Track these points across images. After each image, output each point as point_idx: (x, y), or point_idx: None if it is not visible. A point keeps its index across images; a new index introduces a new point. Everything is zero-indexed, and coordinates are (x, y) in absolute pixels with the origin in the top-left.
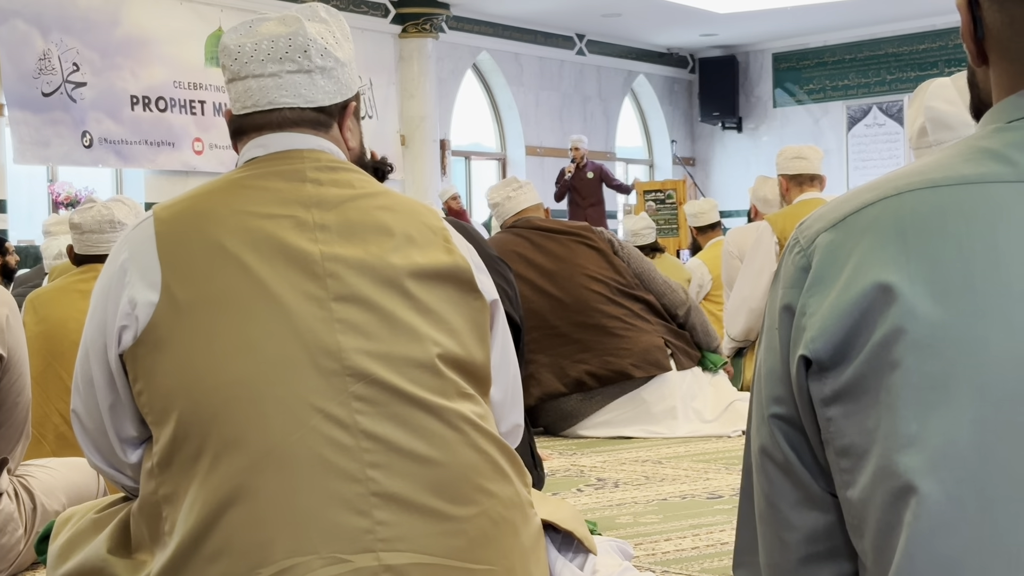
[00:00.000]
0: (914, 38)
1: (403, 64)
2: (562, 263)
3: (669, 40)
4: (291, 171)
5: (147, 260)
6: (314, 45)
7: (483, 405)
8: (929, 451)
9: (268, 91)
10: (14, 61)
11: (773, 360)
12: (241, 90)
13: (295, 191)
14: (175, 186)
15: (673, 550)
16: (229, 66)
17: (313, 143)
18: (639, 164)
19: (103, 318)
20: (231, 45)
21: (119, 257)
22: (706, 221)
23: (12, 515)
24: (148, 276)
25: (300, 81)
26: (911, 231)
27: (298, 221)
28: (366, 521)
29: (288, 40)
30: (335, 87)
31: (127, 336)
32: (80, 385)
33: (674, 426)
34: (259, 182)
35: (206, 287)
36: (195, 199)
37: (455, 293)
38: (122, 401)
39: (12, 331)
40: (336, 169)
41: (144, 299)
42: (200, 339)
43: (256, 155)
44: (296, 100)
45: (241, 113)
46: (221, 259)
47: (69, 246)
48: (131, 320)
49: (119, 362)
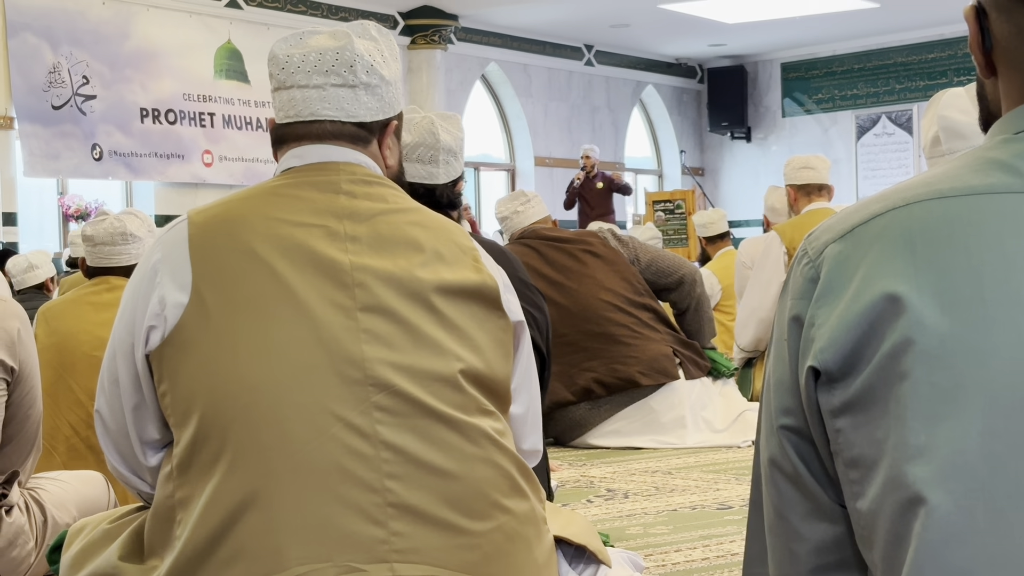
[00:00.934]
0: (923, 47)
1: (412, 75)
2: (570, 272)
3: (678, 50)
4: (326, 182)
5: (179, 262)
6: (360, 61)
7: (503, 422)
8: (938, 462)
9: (311, 102)
10: (24, 74)
11: (782, 371)
12: (285, 99)
13: (329, 202)
14: (185, 198)
15: (683, 561)
16: (276, 75)
17: (350, 156)
18: (648, 174)
19: (132, 317)
20: (280, 55)
21: (152, 258)
22: (715, 231)
23: (23, 528)
24: (179, 278)
25: (343, 95)
26: (919, 242)
27: (330, 231)
28: (382, 531)
29: (336, 54)
30: (378, 104)
31: (155, 336)
32: (105, 385)
33: (684, 435)
34: (293, 191)
35: (235, 291)
36: (229, 204)
37: (480, 311)
38: (146, 402)
39: (24, 344)
40: (371, 183)
41: (174, 300)
42: (226, 342)
43: (293, 165)
44: (338, 113)
45: (284, 122)
46: (252, 264)
47: (81, 258)
48: (160, 320)
49: (145, 362)
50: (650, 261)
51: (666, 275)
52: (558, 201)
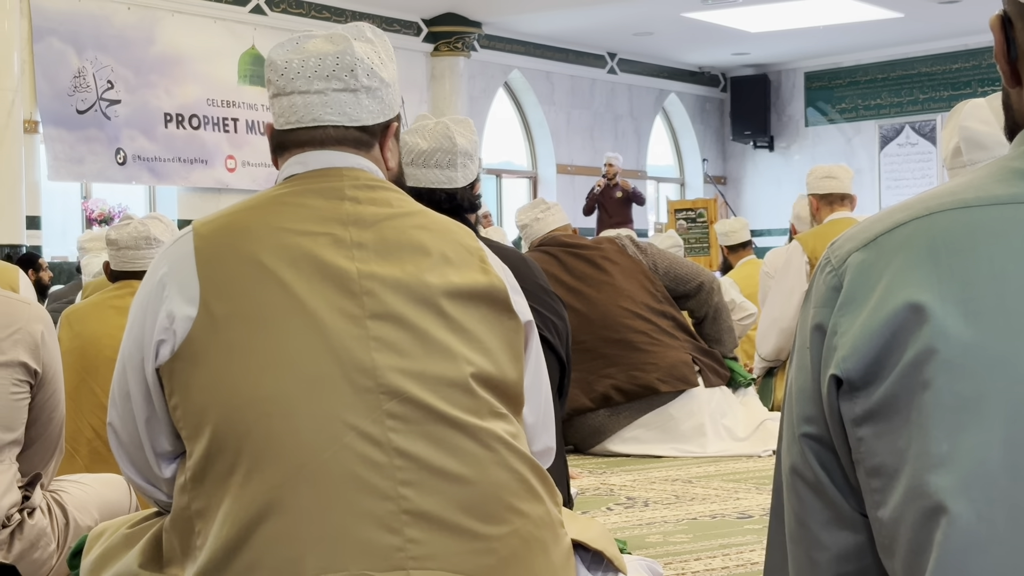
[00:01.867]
0: (947, 57)
1: (435, 82)
2: (589, 279)
3: (701, 59)
4: (330, 189)
5: (186, 275)
6: (361, 65)
7: (515, 424)
8: (960, 471)
9: (313, 108)
10: (49, 78)
11: (804, 379)
12: (286, 105)
13: (333, 209)
14: (208, 203)
15: (703, 570)
16: (275, 81)
17: (352, 161)
18: (670, 183)
19: (141, 332)
20: (278, 60)
21: (158, 272)
22: (736, 240)
23: (45, 530)
24: (186, 291)
25: (345, 100)
26: (943, 251)
27: (335, 239)
28: (397, 539)
29: (336, 58)
30: (379, 107)
31: (164, 350)
32: (117, 399)
33: (704, 444)
34: (298, 199)
35: (243, 302)
36: (234, 215)
37: (490, 313)
38: (158, 415)
39: (48, 347)
40: (374, 188)
41: (182, 313)
42: (236, 354)
43: (295, 172)
44: (340, 118)
45: (285, 128)
46: (259, 275)
47: (106, 262)
48: (169, 334)
49: (156, 376)
50: (668, 268)
51: (684, 282)
52: (580, 209)
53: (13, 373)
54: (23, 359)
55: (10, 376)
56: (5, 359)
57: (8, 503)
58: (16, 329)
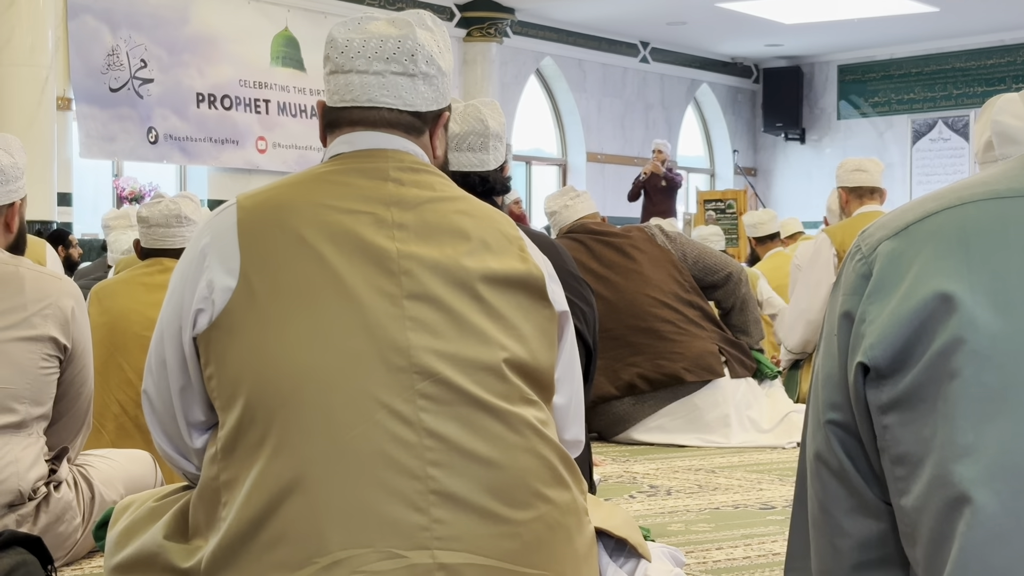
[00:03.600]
0: (982, 53)
1: (467, 68)
2: (617, 267)
3: (734, 49)
4: (374, 169)
5: (227, 246)
6: (421, 51)
7: (546, 411)
8: (985, 461)
9: (370, 88)
10: (83, 56)
11: (831, 366)
12: (342, 83)
13: (376, 189)
14: (238, 184)
15: (724, 559)
16: (334, 58)
17: (399, 144)
18: (700, 173)
19: (180, 300)
20: (339, 38)
21: (200, 242)
22: (765, 232)
23: (71, 504)
24: (227, 262)
25: (403, 84)
26: (973, 241)
27: (377, 218)
28: (423, 518)
29: (398, 42)
30: (434, 95)
31: (202, 319)
32: (153, 366)
33: (728, 434)
34: (342, 178)
35: (283, 276)
36: (278, 190)
37: (526, 300)
38: (192, 385)
39: (78, 323)
40: (418, 171)
41: (222, 284)
42: (273, 327)
43: (342, 151)
44: (395, 102)
45: (339, 106)
46: (299, 250)
47: (136, 240)
48: (207, 304)
49: (192, 345)
50: (697, 258)
51: (712, 272)
52: (609, 197)
53: (43, 348)
54: (53, 334)
55: (40, 351)
56: (35, 333)
57: (35, 476)
58: (47, 304)
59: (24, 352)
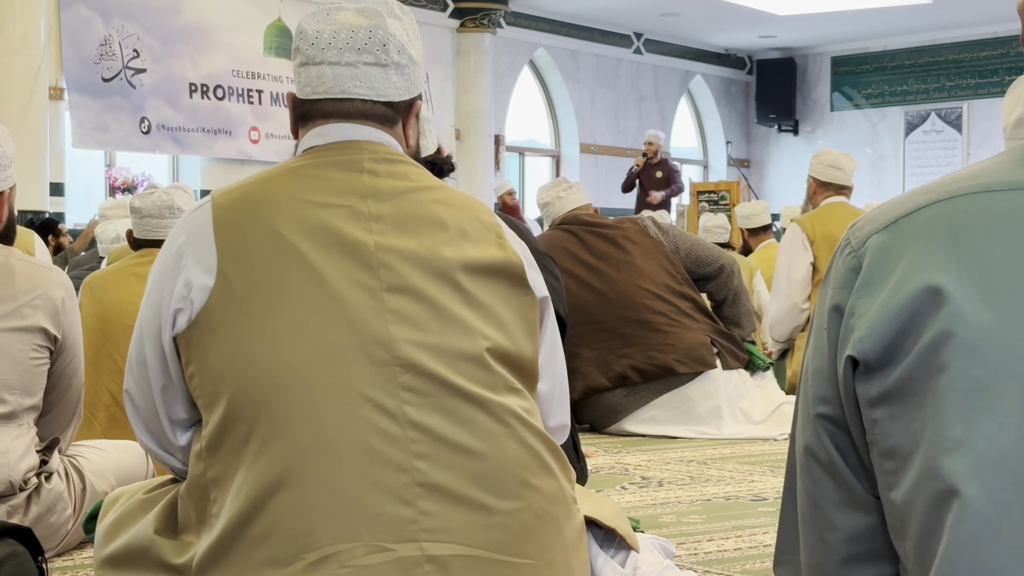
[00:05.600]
0: (975, 45)
1: (460, 58)
2: (609, 259)
3: (727, 41)
4: (348, 161)
5: (204, 244)
6: (392, 41)
7: (530, 400)
8: (974, 455)
9: (342, 80)
10: (75, 46)
11: (820, 360)
12: (314, 75)
13: (352, 181)
14: (231, 174)
15: (715, 550)
16: (305, 50)
17: (372, 135)
18: (693, 164)
19: (159, 300)
20: (309, 29)
21: (176, 240)
22: (758, 223)
23: (62, 494)
24: (204, 260)
25: (375, 74)
26: (963, 235)
27: (353, 211)
28: (410, 511)
29: (368, 32)
30: (406, 84)
31: (182, 319)
32: (134, 366)
33: (720, 426)
34: (317, 171)
35: (261, 273)
36: (253, 185)
37: (506, 288)
38: (174, 383)
39: (68, 313)
40: (393, 161)
41: (200, 283)
42: (253, 324)
43: (315, 144)
44: (369, 92)
45: (311, 98)
46: (277, 246)
47: (129, 230)
48: (186, 303)
49: (173, 345)
50: (689, 250)
51: (704, 264)
52: (603, 189)
53: (33, 339)
54: (43, 325)
55: (30, 341)
56: (25, 324)
57: (26, 467)
58: (37, 295)
59: (14, 343)
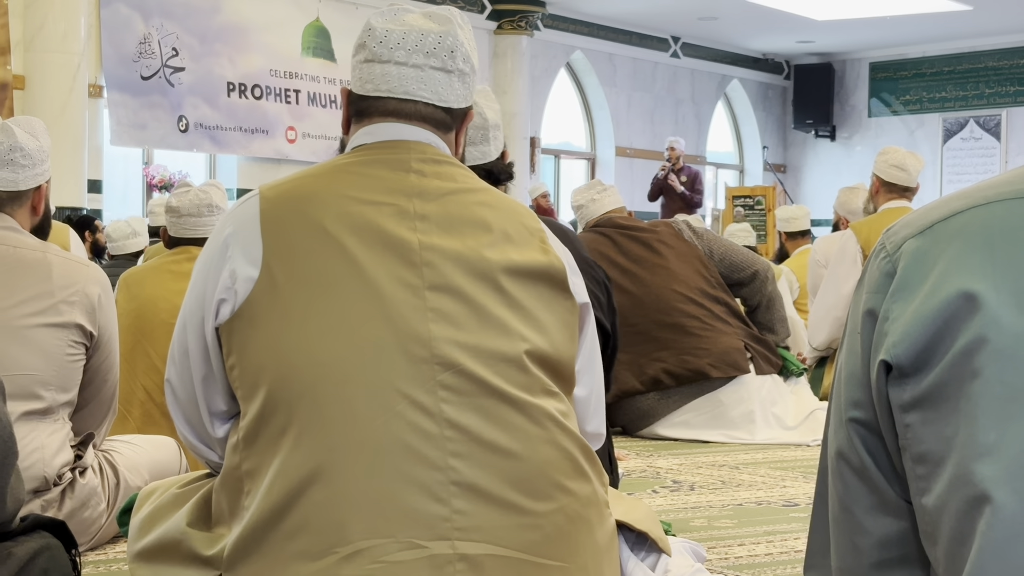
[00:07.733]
0: (1015, 52)
1: (497, 60)
2: (643, 262)
3: (765, 45)
4: (396, 160)
5: (250, 237)
6: (460, 49)
7: (566, 403)
8: (1006, 461)
9: (407, 80)
10: (115, 44)
11: (854, 364)
12: (378, 73)
13: (398, 180)
14: (267, 173)
15: (746, 555)
16: (372, 47)
17: (422, 136)
18: (729, 169)
19: (203, 290)
20: (378, 27)
21: (223, 232)
22: (797, 227)
23: (96, 489)
24: (250, 252)
25: (440, 79)
26: (999, 241)
27: (399, 209)
28: (444, 509)
29: (439, 38)
30: (465, 92)
31: (225, 310)
32: (176, 356)
33: (753, 431)
34: (364, 169)
35: (305, 267)
36: (301, 180)
37: (547, 292)
38: (215, 374)
39: (104, 310)
40: (440, 163)
41: (244, 274)
42: (295, 317)
43: (364, 142)
44: (432, 96)
45: (373, 95)
46: (322, 241)
47: (163, 228)
48: (230, 294)
49: (215, 335)
50: (724, 254)
51: (739, 269)
52: (637, 192)
53: (69, 335)
54: (79, 321)
55: (66, 337)
56: (62, 320)
57: (60, 462)
58: (74, 291)
59: (50, 338)
